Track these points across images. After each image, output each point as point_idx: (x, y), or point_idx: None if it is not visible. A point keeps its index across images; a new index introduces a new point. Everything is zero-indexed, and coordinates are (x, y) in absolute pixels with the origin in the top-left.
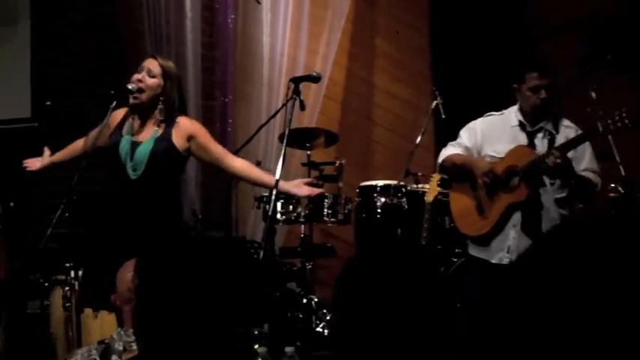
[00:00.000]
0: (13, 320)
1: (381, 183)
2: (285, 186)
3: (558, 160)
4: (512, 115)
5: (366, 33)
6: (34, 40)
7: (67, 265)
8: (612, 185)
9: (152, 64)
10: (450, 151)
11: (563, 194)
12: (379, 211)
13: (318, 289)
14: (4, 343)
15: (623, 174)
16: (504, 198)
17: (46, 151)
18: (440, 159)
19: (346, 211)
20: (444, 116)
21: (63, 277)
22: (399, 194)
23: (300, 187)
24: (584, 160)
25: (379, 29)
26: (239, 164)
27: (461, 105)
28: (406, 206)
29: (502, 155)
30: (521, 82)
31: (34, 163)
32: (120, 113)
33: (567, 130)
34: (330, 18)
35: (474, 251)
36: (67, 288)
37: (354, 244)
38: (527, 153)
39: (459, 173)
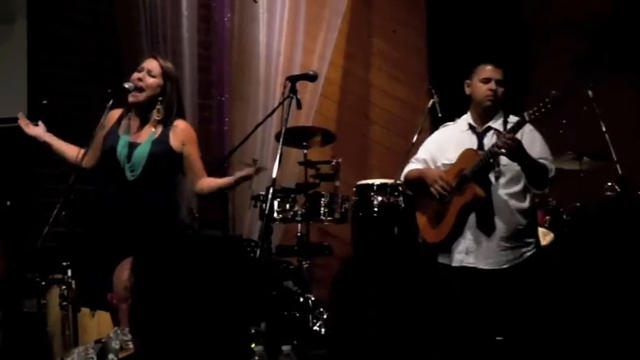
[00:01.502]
0: (10, 319)
1: (377, 182)
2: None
3: (509, 141)
4: (462, 121)
5: (362, 32)
6: (31, 39)
7: (64, 263)
8: (609, 184)
9: (152, 65)
10: (409, 167)
11: (515, 188)
12: (376, 209)
13: (314, 287)
14: (1, 341)
15: (620, 173)
16: (457, 201)
17: (41, 125)
18: (401, 177)
19: (343, 209)
20: (440, 115)
21: (60, 276)
22: (396, 193)
23: (241, 171)
24: (534, 150)
25: (376, 28)
26: (205, 185)
27: (457, 104)
28: (403, 205)
29: (454, 161)
30: (472, 75)
31: (29, 126)
32: (116, 113)
33: None
34: (327, 17)
35: (440, 258)
36: (64, 287)
37: (350, 243)
38: (473, 155)
39: (417, 187)
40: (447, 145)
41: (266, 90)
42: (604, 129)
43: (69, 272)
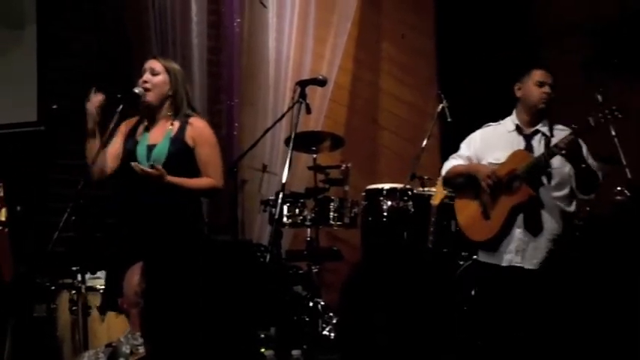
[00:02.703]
0: (20, 324)
1: (387, 186)
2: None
3: (571, 144)
4: (508, 122)
5: (371, 37)
6: (41, 44)
7: (74, 268)
8: (618, 188)
9: (153, 64)
10: (451, 163)
11: (563, 192)
12: (385, 214)
13: (324, 292)
14: (11, 346)
15: (630, 177)
16: (507, 200)
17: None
18: (443, 172)
19: (352, 214)
20: (449, 119)
21: (69, 281)
22: (405, 197)
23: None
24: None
25: (385, 33)
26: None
27: (466, 108)
28: (412, 209)
29: (502, 161)
30: (525, 79)
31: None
32: (130, 122)
33: (562, 133)
34: (336, 22)
35: (483, 257)
36: (74, 291)
37: (360, 248)
38: (525, 156)
39: (462, 183)
40: (493, 144)
41: (275, 95)
42: (613, 133)
43: (79, 277)
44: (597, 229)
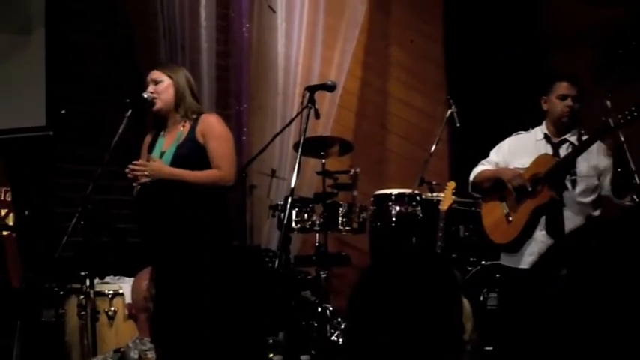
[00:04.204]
0: (29, 329)
1: (395, 192)
2: None
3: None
4: (537, 131)
5: (380, 42)
6: (49, 49)
7: (82, 273)
8: None
9: (154, 75)
10: (480, 168)
11: (589, 199)
12: (394, 219)
13: (332, 297)
14: (20, 351)
15: (638, 183)
16: (530, 203)
17: None
18: (471, 177)
19: (361, 219)
20: (458, 125)
21: (78, 286)
22: (414, 203)
23: None
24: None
25: (393, 38)
26: None
27: (475, 113)
28: (421, 215)
29: (527, 167)
30: (549, 92)
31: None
32: (149, 137)
33: None
34: (345, 27)
35: (505, 260)
36: (82, 296)
37: (368, 253)
38: (549, 160)
39: (489, 187)
40: (520, 151)
41: (284, 100)
42: (622, 139)
43: (87, 282)
44: (606, 235)
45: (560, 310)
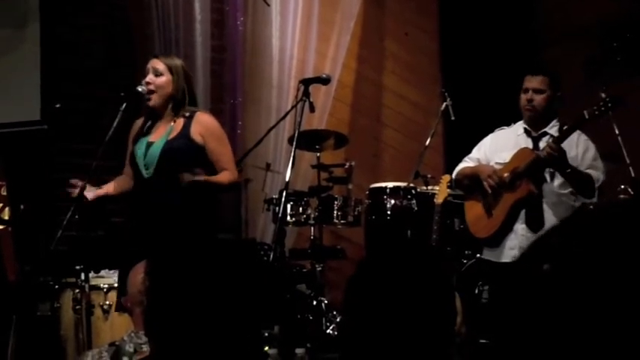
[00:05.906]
0: (24, 323)
1: (390, 185)
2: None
3: (552, 152)
4: (518, 125)
5: (375, 35)
6: (44, 43)
7: (77, 267)
8: (622, 187)
9: (156, 64)
10: (461, 165)
11: (568, 189)
12: (389, 212)
13: (328, 291)
14: (15, 345)
15: (633, 175)
16: (509, 197)
17: (91, 188)
18: (454, 174)
19: (356, 212)
20: (453, 118)
21: (73, 280)
22: (409, 196)
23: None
24: (587, 158)
25: (388, 31)
26: None
27: (470, 107)
28: (416, 208)
29: (507, 161)
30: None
31: (89, 194)
32: (138, 123)
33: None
34: (339, 20)
35: (487, 254)
36: (77, 290)
37: (363, 246)
38: (529, 154)
39: (469, 184)
40: (501, 146)
41: (279, 93)
42: (617, 131)
43: (82, 276)
44: (601, 228)
45: (544, 303)
